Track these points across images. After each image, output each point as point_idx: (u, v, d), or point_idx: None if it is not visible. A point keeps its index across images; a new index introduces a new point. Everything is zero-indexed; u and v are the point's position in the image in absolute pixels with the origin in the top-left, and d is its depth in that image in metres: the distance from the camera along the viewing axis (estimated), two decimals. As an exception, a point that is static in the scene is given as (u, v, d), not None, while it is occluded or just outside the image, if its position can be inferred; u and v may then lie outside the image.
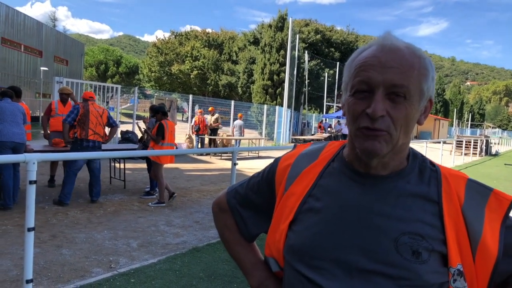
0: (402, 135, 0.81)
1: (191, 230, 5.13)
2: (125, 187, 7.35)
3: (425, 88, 0.82)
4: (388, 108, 0.78)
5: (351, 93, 0.82)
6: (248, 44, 39.13)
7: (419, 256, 0.78)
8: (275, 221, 0.95)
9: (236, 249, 1.11)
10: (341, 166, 0.91)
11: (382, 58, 0.79)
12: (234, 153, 4.99)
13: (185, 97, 22.24)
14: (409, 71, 0.79)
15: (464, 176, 0.87)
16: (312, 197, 0.90)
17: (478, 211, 0.82)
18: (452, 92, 73.81)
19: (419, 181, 0.86)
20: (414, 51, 0.81)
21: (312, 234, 0.86)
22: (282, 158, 1.02)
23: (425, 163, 0.90)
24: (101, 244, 4.40)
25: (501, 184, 11.29)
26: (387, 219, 0.81)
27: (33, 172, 2.88)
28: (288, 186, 0.95)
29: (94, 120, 5.93)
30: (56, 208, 5.61)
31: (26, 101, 20.24)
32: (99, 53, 52.13)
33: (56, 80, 10.66)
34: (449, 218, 0.81)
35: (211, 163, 12.28)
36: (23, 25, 24.73)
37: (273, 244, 0.94)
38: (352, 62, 0.85)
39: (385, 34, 0.84)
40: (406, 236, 0.79)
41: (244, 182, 1.11)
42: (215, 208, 1.16)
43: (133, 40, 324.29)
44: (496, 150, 25.91)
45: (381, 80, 0.78)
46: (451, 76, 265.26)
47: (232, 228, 1.11)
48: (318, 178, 0.92)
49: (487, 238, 0.79)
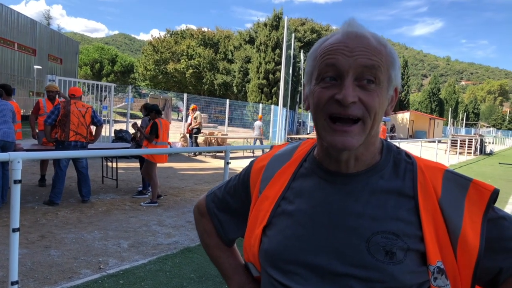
0: (375, 124, 0.77)
1: (183, 230, 5.06)
2: (118, 187, 7.27)
3: (393, 75, 0.78)
4: (360, 94, 0.73)
5: (317, 81, 0.77)
6: (244, 43, 39.08)
7: (393, 257, 0.73)
8: (250, 226, 0.91)
9: (215, 254, 1.08)
10: (313, 166, 0.87)
11: (349, 44, 0.74)
12: (227, 152, 4.94)
13: (180, 96, 22.16)
14: (378, 55, 0.75)
15: (442, 168, 0.82)
16: (285, 200, 0.87)
17: (457, 204, 0.76)
18: (447, 91, 74.04)
19: (393, 176, 0.81)
20: (379, 39, 0.78)
21: (284, 238, 0.83)
22: (256, 160, 0.99)
23: (400, 156, 0.85)
24: (90, 244, 4.32)
25: (496, 183, 11.31)
26: (359, 218, 0.77)
27: (18, 171, 2.81)
28: (263, 189, 0.91)
29: (75, 121, 5.76)
30: (46, 208, 5.53)
31: (20, 100, 20.14)
32: (94, 51, 51.85)
33: (49, 79, 10.54)
34: (426, 213, 0.76)
35: (206, 162, 12.22)
36: (17, 23, 24.53)
37: (249, 249, 0.91)
38: (316, 51, 0.80)
39: (349, 21, 0.80)
40: (379, 235, 0.75)
41: (223, 185, 1.07)
42: (196, 212, 1.13)
43: (128, 39, 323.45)
44: (490, 149, 26.03)
45: (350, 64, 0.73)
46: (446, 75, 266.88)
47: (211, 233, 1.08)
48: (291, 180, 0.88)
49: (468, 232, 0.74)
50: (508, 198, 8.88)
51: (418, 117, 43.78)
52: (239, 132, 23.19)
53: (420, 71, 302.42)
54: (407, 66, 56.96)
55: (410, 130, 41.13)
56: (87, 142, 5.96)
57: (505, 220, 0.78)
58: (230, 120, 22.64)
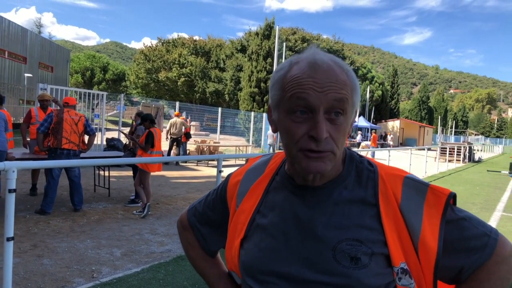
0: (341, 150, 0.83)
1: (176, 239, 5.08)
2: (110, 195, 7.26)
3: (356, 101, 0.83)
4: (330, 129, 0.79)
5: (288, 113, 0.81)
6: (236, 51, 39.28)
7: (358, 262, 0.79)
8: (230, 238, 0.98)
9: (200, 265, 1.14)
10: (283, 180, 0.93)
11: (318, 79, 0.78)
12: (220, 161, 4.98)
13: (172, 104, 22.17)
14: (344, 87, 0.79)
15: (401, 174, 0.87)
16: (259, 214, 0.93)
17: (417, 208, 0.82)
18: (436, 99, 74.92)
19: (356, 185, 0.87)
20: (342, 66, 0.82)
21: (259, 250, 0.89)
22: (232, 175, 1.05)
23: (362, 165, 0.90)
24: (83, 253, 4.33)
25: (484, 190, 11.48)
26: (326, 228, 0.83)
27: (13, 180, 2.83)
28: (239, 203, 0.97)
29: (68, 129, 5.77)
30: (37, 217, 5.51)
31: (10, 108, 19.98)
32: (85, 59, 51.66)
33: (40, 87, 10.52)
34: (387, 219, 0.82)
35: (198, 171, 12.23)
36: (7, 31, 24.41)
37: (231, 259, 0.98)
38: (282, 79, 0.83)
39: (313, 49, 0.84)
40: (344, 243, 0.81)
41: (202, 199, 1.13)
42: (179, 226, 1.18)
43: (120, 47, 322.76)
44: (479, 157, 26.35)
45: (321, 100, 0.77)
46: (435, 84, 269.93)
47: (194, 245, 1.13)
48: (264, 194, 0.94)
49: (426, 234, 0.80)
50: (496, 205, 9.02)
51: (408, 125, 44.25)
52: (231, 140, 23.23)
53: (409, 79, 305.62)
54: (396, 74, 57.58)
55: (400, 138, 41.52)
56: (79, 150, 5.96)
57: (465, 221, 0.84)
58: (222, 128, 22.68)
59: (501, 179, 15.15)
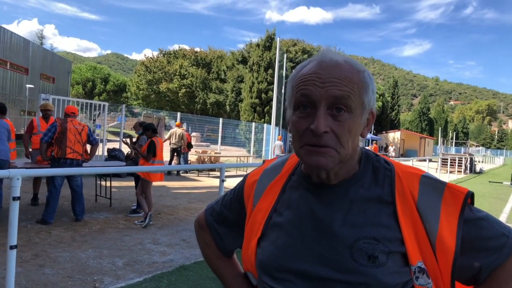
0: (349, 148, 0.82)
1: (178, 248, 5.05)
2: (111, 205, 7.23)
3: (366, 100, 0.83)
4: (332, 125, 0.79)
5: (294, 109, 0.84)
6: (236, 63, 39.49)
7: (376, 260, 0.79)
8: (247, 238, 0.98)
9: (216, 264, 1.15)
10: (300, 178, 0.94)
11: (322, 74, 0.80)
12: (222, 170, 4.98)
13: (173, 115, 22.22)
14: (349, 84, 0.80)
15: (418, 173, 0.87)
16: (276, 212, 0.93)
17: (434, 207, 0.82)
18: (436, 111, 75.11)
19: (373, 184, 0.87)
20: (352, 65, 0.83)
21: (275, 248, 0.89)
22: (249, 175, 1.06)
23: (378, 163, 0.90)
24: (85, 263, 4.29)
25: (486, 201, 11.43)
26: (342, 226, 0.83)
27: (17, 188, 2.83)
28: (256, 202, 0.98)
29: (72, 138, 5.78)
30: (39, 227, 5.48)
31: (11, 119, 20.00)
32: (87, 71, 51.98)
33: (42, 98, 10.54)
34: (404, 217, 0.82)
35: (199, 181, 12.20)
36: (10, 42, 24.60)
37: (247, 259, 0.98)
38: (293, 79, 0.86)
39: (324, 49, 0.86)
40: (361, 241, 0.80)
41: (220, 199, 1.14)
42: (196, 226, 1.19)
43: (121, 58, 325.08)
44: (480, 168, 26.32)
45: (322, 94, 0.79)
46: (435, 95, 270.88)
47: (211, 244, 1.14)
48: (281, 193, 0.95)
49: (444, 232, 0.79)
50: (499, 216, 8.98)
51: (409, 136, 44.28)
52: (232, 151, 23.23)
53: (410, 91, 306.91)
54: (397, 86, 57.80)
55: (401, 149, 41.50)
56: (82, 160, 5.96)
57: (483, 220, 0.83)
58: (223, 139, 22.70)
59: (503, 190, 15.12)
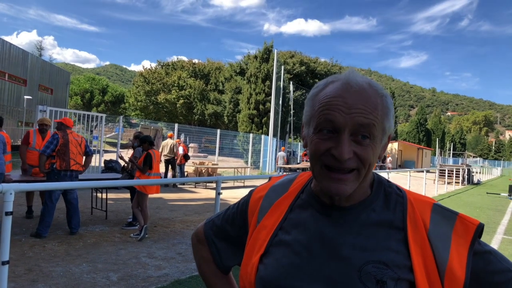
0: (369, 171, 0.83)
1: (173, 262, 5.00)
2: (107, 218, 7.18)
3: (387, 126, 0.83)
4: (355, 149, 0.79)
5: (316, 131, 0.83)
6: (234, 74, 39.65)
7: (384, 285, 0.77)
8: (248, 254, 0.95)
9: (211, 280, 1.12)
10: (309, 198, 0.92)
11: (348, 100, 0.79)
12: (218, 183, 4.96)
13: (171, 126, 22.22)
14: (373, 112, 0.79)
15: (430, 201, 0.87)
16: (282, 230, 0.91)
17: (445, 236, 0.81)
18: (433, 122, 75.37)
19: (384, 209, 0.86)
20: (376, 90, 0.83)
21: (280, 266, 0.87)
22: (255, 190, 1.04)
23: (390, 189, 0.90)
24: (78, 278, 4.24)
25: (484, 213, 11.41)
26: (351, 249, 0.82)
27: (10, 203, 2.80)
28: (261, 219, 0.96)
29: (74, 150, 5.80)
30: (33, 241, 5.42)
31: (8, 130, 20.00)
32: (85, 82, 52.08)
33: (40, 109, 10.56)
34: (414, 244, 0.81)
35: (196, 193, 12.14)
36: (8, 54, 24.68)
37: (246, 277, 0.94)
38: (315, 97, 0.85)
39: (349, 71, 0.86)
40: (370, 265, 0.79)
41: (221, 213, 1.11)
42: (194, 239, 1.16)
43: (119, 70, 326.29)
44: (478, 179, 26.34)
45: (347, 122, 0.78)
46: (432, 106, 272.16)
47: (208, 260, 1.11)
48: (288, 211, 0.93)
49: (454, 263, 0.78)
50: (496, 228, 8.94)
51: (407, 147, 44.35)
52: (230, 162, 23.20)
53: (407, 102, 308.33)
54: (394, 97, 58.10)
55: (399, 160, 41.53)
56: (80, 172, 5.97)
57: (491, 254, 0.83)
58: (220, 150, 22.67)
59: (501, 201, 15.09)
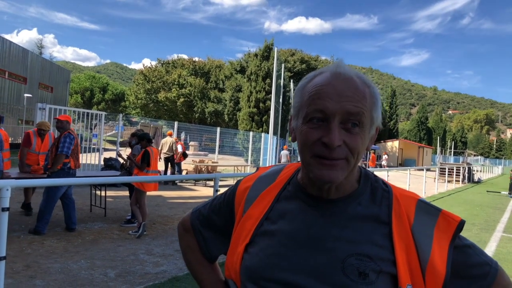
0: (357, 161, 0.83)
1: (172, 259, 5.00)
2: (106, 215, 7.18)
3: (375, 116, 0.84)
4: (344, 137, 0.80)
5: (305, 120, 0.83)
6: (235, 72, 39.63)
7: (366, 277, 0.78)
8: (234, 243, 0.96)
9: (197, 269, 1.12)
10: (296, 189, 0.93)
11: (338, 87, 0.80)
12: (216, 180, 4.96)
13: (171, 124, 22.23)
14: (362, 100, 0.81)
15: (415, 197, 0.89)
16: (268, 220, 0.92)
17: (427, 231, 0.83)
18: (434, 120, 75.22)
19: (370, 203, 0.87)
20: (364, 80, 0.84)
21: (265, 256, 0.87)
22: (242, 181, 1.05)
23: (377, 184, 0.91)
24: (76, 274, 4.25)
25: (484, 211, 11.41)
26: (336, 241, 0.82)
27: (6, 198, 2.81)
28: (247, 209, 0.96)
29: (79, 148, 6.00)
30: (31, 237, 5.43)
31: (8, 128, 20.05)
32: (85, 80, 52.14)
33: (39, 107, 10.55)
34: (399, 238, 0.82)
35: (195, 190, 12.15)
36: (8, 52, 24.70)
37: (231, 266, 0.95)
38: (304, 88, 0.86)
39: (337, 62, 0.86)
40: (354, 257, 0.80)
41: (208, 202, 1.12)
42: (180, 228, 1.17)
43: (120, 68, 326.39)
44: (478, 178, 26.31)
45: (337, 109, 0.79)
46: (433, 104, 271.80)
47: (194, 248, 1.12)
48: (274, 202, 0.94)
49: (435, 258, 0.80)
50: (496, 226, 8.94)
51: (407, 146, 44.32)
52: (230, 160, 23.22)
53: (408, 100, 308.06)
54: (395, 95, 57.93)
55: (399, 158, 41.51)
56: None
57: (470, 248, 0.85)
58: (220, 148, 22.71)
59: (501, 199, 15.09)
